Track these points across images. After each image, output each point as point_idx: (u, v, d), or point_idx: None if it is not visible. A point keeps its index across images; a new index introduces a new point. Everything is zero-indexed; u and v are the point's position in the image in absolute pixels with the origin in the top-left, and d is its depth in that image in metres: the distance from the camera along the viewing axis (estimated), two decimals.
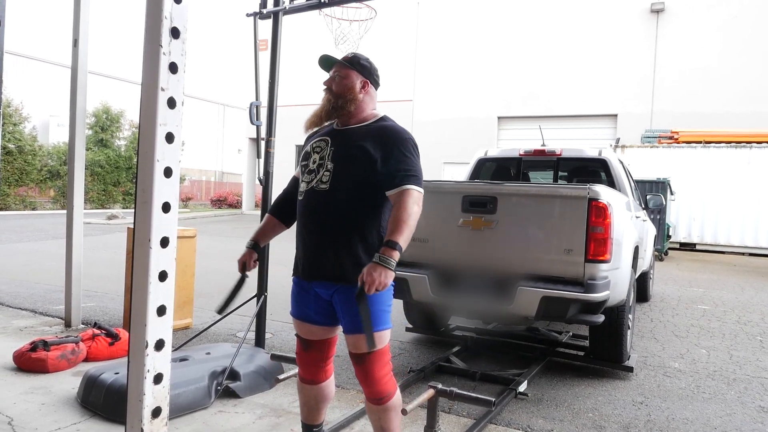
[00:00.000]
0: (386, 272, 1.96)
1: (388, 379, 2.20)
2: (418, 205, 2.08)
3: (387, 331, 2.20)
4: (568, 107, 19.22)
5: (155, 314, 1.24)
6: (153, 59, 1.17)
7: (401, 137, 2.18)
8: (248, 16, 3.71)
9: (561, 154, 5.26)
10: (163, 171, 1.19)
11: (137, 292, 1.23)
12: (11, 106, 21.88)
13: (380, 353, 2.17)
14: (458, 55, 21.04)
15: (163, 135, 1.19)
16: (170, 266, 1.26)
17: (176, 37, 1.18)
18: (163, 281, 1.25)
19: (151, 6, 1.16)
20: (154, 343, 1.24)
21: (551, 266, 3.54)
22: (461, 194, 3.80)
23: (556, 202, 3.54)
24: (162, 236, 1.21)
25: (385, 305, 2.19)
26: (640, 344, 5.03)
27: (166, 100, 1.18)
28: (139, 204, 1.18)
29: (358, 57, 2.32)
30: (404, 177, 2.08)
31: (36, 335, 4.48)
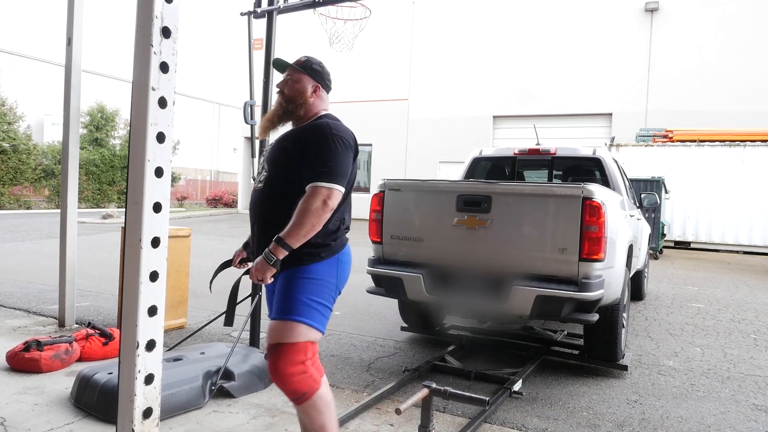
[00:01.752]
0: (264, 267, 2.03)
1: (300, 378, 2.07)
2: (323, 202, 2.05)
3: (302, 326, 2.08)
4: (563, 106, 19.26)
5: (146, 314, 1.23)
6: (144, 59, 1.16)
7: (322, 133, 2.16)
8: (243, 15, 3.70)
9: (555, 153, 5.27)
10: (154, 171, 1.18)
11: (128, 293, 1.22)
12: (5, 104, 21.77)
13: (289, 348, 2.06)
14: (454, 54, 21.05)
15: (154, 135, 1.18)
16: (161, 266, 1.25)
17: (167, 36, 1.17)
18: (155, 281, 1.25)
19: (141, 5, 1.15)
20: (145, 344, 1.24)
21: (546, 265, 3.55)
22: (456, 193, 3.81)
23: (550, 201, 3.55)
24: (153, 236, 1.21)
25: (305, 296, 2.12)
26: (635, 342, 5.05)
27: (157, 99, 1.17)
28: (130, 204, 1.17)
29: (310, 61, 2.36)
30: (315, 174, 2.09)
31: (29, 335, 4.46)
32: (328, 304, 2.20)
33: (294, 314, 2.09)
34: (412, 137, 21.87)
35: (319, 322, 2.14)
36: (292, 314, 2.09)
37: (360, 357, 4.39)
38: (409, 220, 4.03)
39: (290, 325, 2.08)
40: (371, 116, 22.63)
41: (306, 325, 2.09)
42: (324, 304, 2.17)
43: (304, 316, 2.09)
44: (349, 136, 2.21)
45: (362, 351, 4.57)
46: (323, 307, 2.17)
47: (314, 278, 2.15)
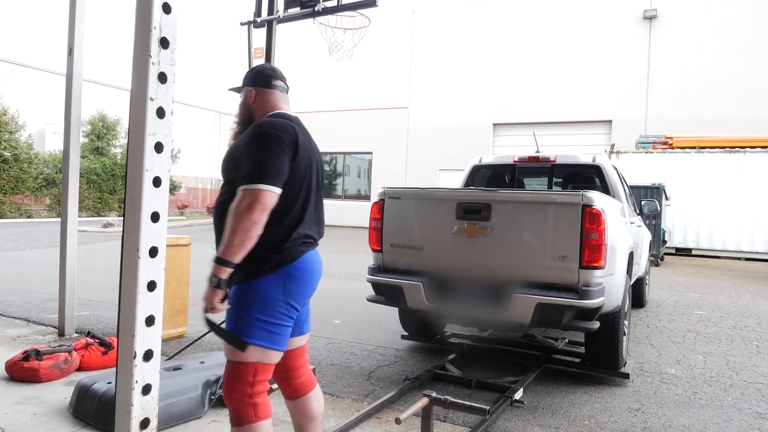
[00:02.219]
0: (209, 293, 1.89)
1: (239, 399, 2.00)
2: (249, 205, 1.88)
3: (248, 346, 1.97)
4: (563, 113, 19.31)
5: (144, 324, 1.23)
6: (142, 69, 1.17)
7: (251, 132, 2.04)
8: (242, 24, 3.72)
9: (555, 160, 5.28)
10: (152, 181, 1.19)
11: (125, 302, 1.22)
12: (7, 114, 21.84)
13: (234, 366, 2.01)
14: (453, 61, 21.13)
15: (152, 145, 1.18)
16: (159, 276, 1.25)
17: (165, 47, 1.18)
18: (152, 291, 1.25)
19: (140, 16, 1.16)
20: (142, 354, 1.23)
21: (546, 273, 3.54)
22: (455, 201, 3.81)
23: (550, 209, 3.55)
24: (151, 246, 1.21)
25: (249, 314, 1.99)
26: (637, 350, 5.03)
27: (155, 109, 1.18)
28: (128, 214, 1.18)
29: (249, 72, 2.35)
30: (242, 177, 1.95)
31: (29, 344, 4.45)
32: (278, 321, 2.03)
33: (243, 335, 1.99)
34: (413, 145, 21.91)
35: (268, 341, 2.01)
36: (241, 335, 1.99)
37: (360, 366, 4.38)
38: (409, 229, 4.02)
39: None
40: (372, 124, 22.69)
41: (252, 344, 1.98)
42: (271, 322, 2.01)
43: (247, 336, 1.98)
44: (283, 132, 2.03)
45: (362, 360, 4.55)
46: (271, 325, 2.01)
47: (258, 294, 2.00)
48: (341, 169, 24.11)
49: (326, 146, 23.65)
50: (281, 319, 2.04)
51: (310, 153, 2.16)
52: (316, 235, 2.23)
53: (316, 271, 2.18)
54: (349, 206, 22.74)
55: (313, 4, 3.88)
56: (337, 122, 23.25)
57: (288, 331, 2.08)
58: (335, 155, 23.90)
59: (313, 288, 2.18)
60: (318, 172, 2.25)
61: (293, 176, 2.06)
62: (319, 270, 2.20)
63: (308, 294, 2.17)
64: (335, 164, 24.16)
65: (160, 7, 1.17)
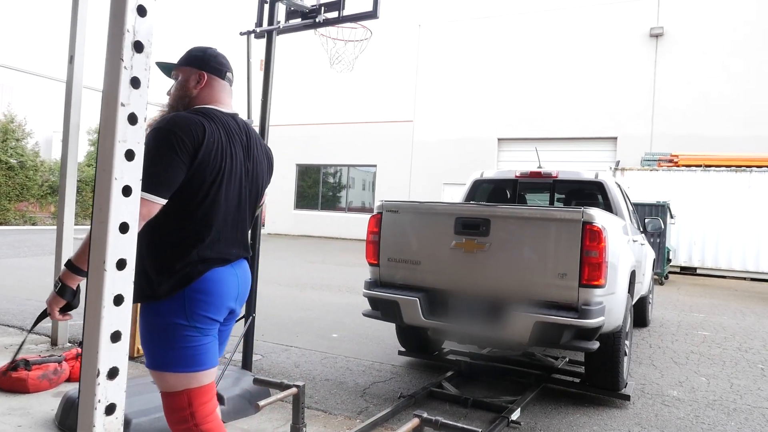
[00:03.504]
0: (52, 296, 1.71)
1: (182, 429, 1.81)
2: None
3: (167, 375, 1.77)
4: (568, 129, 19.28)
5: (108, 340, 1.17)
6: (113, 73, 1.12)
7: (153, 128, 1.74)
8: (242, 35, 3.71)
9: (557, 176, 5.22)
10: (122, 190, 1.13)
11: (90, 317, 1.16)
12: (14, 121, 22.00)
13: (168, 399, 1.82)
14: (459, 76, 21.18)
15: (122, 152, 1.13)
16: (127, 290, 1.20)
17: (139, 51, 1.13)
18: (119, 305, 1.19)
19: (112, 18, 1.11)
20: (106, 372, 1.17)
21: (545, 291, 3.47)
22: (454, 216, 3.75)
23: (549, 225, 3.48)
24: (118, 258, 1.15)
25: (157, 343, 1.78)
26: (638, 371, 4.92)
27: (127, 115, 1.13)
28: (95, 224, 1.12)
29: (190, 51, 2.00)
30: None
31: (21, 353, 4.39)
32: (190, 344, 1.78)
33: (152, 365, 1.80)
34: (417, 159, 21.90)
35: (186, 365, 1.78)
36: (151, 365, 1.80)
37: (355, 382, 4.29)
38: (407, 243, 3.96)
39: (156, 375, 1.80)
40: (376, 137, 22.72)
41: (172, 373, 1.78)
42: (184, 347, 1.77)
43: (163, 367, 1.78)
44: (186, 131, 1.72)
45: (358, 375, 4.47)
46: (185, 350, 1.78)
47: (159, 322, 1.77)
48: (346, 182, 24.12)
49: (331, 159, 23.69)
50: (193, 340, 1.78)
51: (225, 157, 1.83)
52: (232, 253, 1.91)
53: (226, 291, 1.86)
54: (352, 219, 22.70)
55: (314, 16, 3.87)
56: (341, 135, 23.30)
57: (208, 345, 1.83)
58: (340, 168, 23.92)
59: (222, 309, 1.86)
60: (251, 182, 1.97)
61: (192, 183, 1.76)
62: (228, 290, 1.87)
63: (220, 313, 1.87)
64: (340, 177, 24.18)
65: (134, 9, 1.13)
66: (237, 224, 1.94)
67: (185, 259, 1.77)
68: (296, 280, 10.10)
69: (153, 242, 1.77)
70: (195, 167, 1.75)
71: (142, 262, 1.73)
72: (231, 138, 1.88)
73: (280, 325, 6.12)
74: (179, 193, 1.75)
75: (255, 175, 2.00)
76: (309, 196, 24.59)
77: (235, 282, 1.91)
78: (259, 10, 3.88)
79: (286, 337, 5.64)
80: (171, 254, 1.77)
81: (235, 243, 1.94)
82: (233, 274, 1.91)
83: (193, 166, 1.75)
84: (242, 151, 1.93)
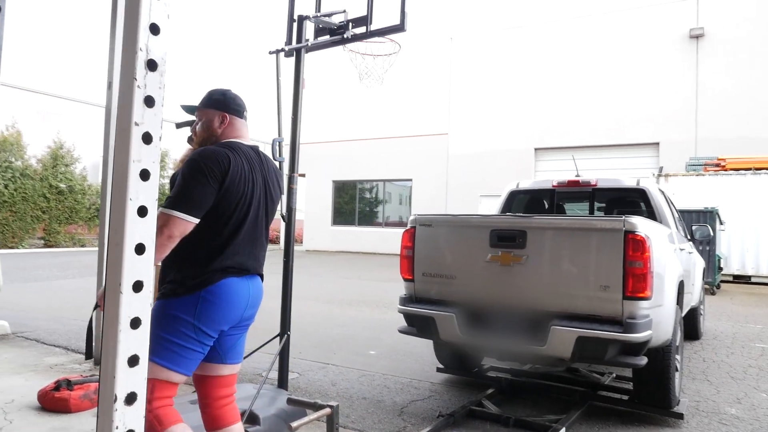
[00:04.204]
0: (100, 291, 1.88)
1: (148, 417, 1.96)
2: (159, 228, 1.88)
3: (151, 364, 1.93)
4: (607, 137, 18.82)
5: (126, 365, 1.14)
6: (127, 93, 1.11)
7: (186, 160, 2.11)
8: (271, 53, 3.74)
9: (596, 184, 5.05)
10: (137, 210, 1.11)
11: (107, 341, 1.13)
12: (63, 147, 22.97)
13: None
14: (493, 87, 21.03)
15: (137, 172, 1.11)
16: (144, 312, 1.17)
17: (153, 69, 1.12)
18: (136, 329, 1.16)
19: (126, 37, 1.10)
20: (124, 397, 1.14)
21: (587, 304, 3.32)
22: (488, 228, 3.65)
23: (589, 236, 3.34)
24: (135, 280, 1.12)
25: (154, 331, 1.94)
26: (692, 387, 4.67)
27: (141, 135, 1.11)
28: (111, 245, 1.10)
29: (210, 94, 2.33)
30: (165, 201, 2.02)
31: (64, 373, 4.48)
32: (181, 342, 2.01)
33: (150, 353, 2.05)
34: (453, 172, 21.77)
35: (166, 360, 2.00)
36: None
37: (393, 400, 4.21)
38: (441, 257, 3.88)
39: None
40: (411, 152, 22.72)
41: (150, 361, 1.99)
42: (174, 342, 2.01)
43: (153, 354, 1.96)
44: (214, 161, 2.05)
45: (395, 393, 4.38)
46: (173, 345, 2.02)
47: (168, 313, 2.04)
48: (382, 197, 24.16)
49: (366, 174, 23.79)
50: (186, 341, 2.03)
51: (247, 183, 2.15)
52: (248, 267, 2.19)
53: (237, 299, 2.12)
54: (390, 233, 22.66)
55: (342, 32, 3.87)
56: (376, 150, 23.40)
57: (194, 355, 2.06)
58: (376, 183, 23.99)
59: (231, 316, 2.12)
60: (267, 203, 2.28)
61: (220, 205, 2.08)
62: (239, 299, 2.13)
63: (224, 321, 2.11)
64: (376, 192, 24.25)
65: (147, 27, 1.11)
66: (254, 242, 2.24)
67: (206, 267, 2.08)
68: (333, 296, 10.09)
69: (178, 253, 2.05)
70: (223, 192, 2.08)
71: (166, 268, 2.11)
72: (252, 167, 2.22)
73: (317, 342, 6.09)
74: (208, 213, 2.07)
75: (271, 199, 2.32)
76: (346, 212, 24.72)
77: (247, 294, 2.18)
78: (288, 29, 3.91)
79: (323, 354, 5.60)
80: (194, 263, 2.08)
81: (251, 258, 2.22)
82: (246, 286, 2.18)
83: (221, 190, 2.07)
84: (261, 178, 2.26)
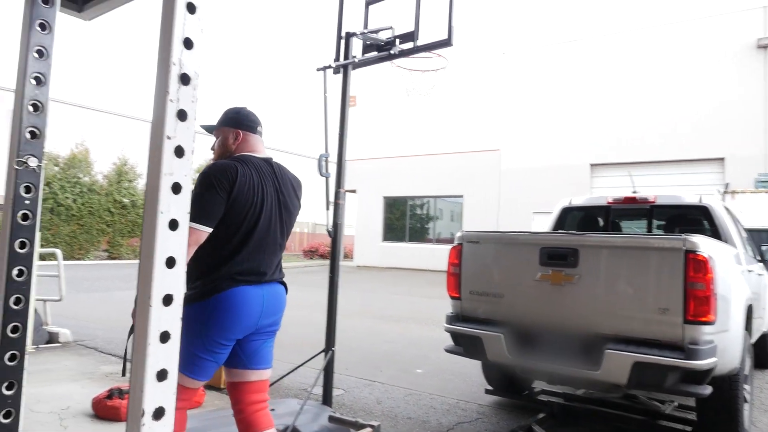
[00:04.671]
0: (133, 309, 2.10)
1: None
2: None
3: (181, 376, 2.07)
4: (668, 152, 18.04)
5: (155, 379, 1.13)
6: (160, 106, 1.11)
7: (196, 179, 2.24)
8: (318, 70, 3.78)
9: (655, 201, 4.81)
10: (168, 223, 1.10)
11: (136, 355, 1.13)
12: (127, 164, 24.13)
13: None
14: (547, 101, 20.63)
15: (168, 185, 1.11)
16: (174, 327, 1.16)
17: (186, 83, 1.12)
18: (165, 343, 1.15)
19: (160, 51, 1.11)
20: (152, 412, 1.13)
21: (644, 327, 3.14)
22: (538, 246, 3.52)
23: (646, 255, 3.17)
24: (165, 293, 1.12)
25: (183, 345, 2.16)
26: (763, 420, 4.32)
27: (173, 148, 1.11)
28: (143, 259, 1.10)
29: (225, 113, 2.48)
30: None
31: (119, 382, 4.62)
32: (190, 346, 2.11)
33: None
34: (505, 188, 21.41)
35: (181, 366, 2.02)
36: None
37: (439, 421, 4.10)
38: (489, 275, 3.78)
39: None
40: (461, 168, 22.54)
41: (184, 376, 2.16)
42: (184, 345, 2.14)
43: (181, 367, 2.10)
44: (222, 174, 2.20)
45: (441, 414, 4.27)
46: (184, 349, 2.12)
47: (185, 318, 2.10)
48: (433, 213, 24.04)
49: (417, 190, 23.75)
50: (192, 345, 2.13)
51: (257, 193, 2.26)
52: (261, 274, 2.29)
53: (247, 308, 2.21)
54: (440, 250, 22.43)
55: (389, 48, 3.88)
56: (427, 166, 23.34)
57: (206, 363, 2.18)
58: (426, 199, 23.91)
59: (243, 324, 2.22)
60: (281, 211, 2.37)
61: (229, 214, 2.19)
62: (250, 307, 2.22)
63: (235, 329, 2.21)
64: (427, 208, 24.15)
65: (180, 41, 1.11)
66: (267, 249, 2.32)
67: (217, 274, 2.18)
68: (381, 311, 10.04)
69: (192, 260, 2.16)
70: (231, 201, 2.20)
71: None
72: (262, 177, 2.32)
73: (363, 359, 6.04)
74: (220, 222, 2.19)
75: (285, 208, 2.41)
76: (396, 228, 24.72)
77: (260, 301, 2.25)
78: (337, 46, 3.95)
79: (369, 371, 5.55)
80: (206, 269, 2.19)
81: (264, 265, 2.30)
82: (259, 294, 2.26)
83: (230, 200, 2.20)
84: (273, 187, 2.36)
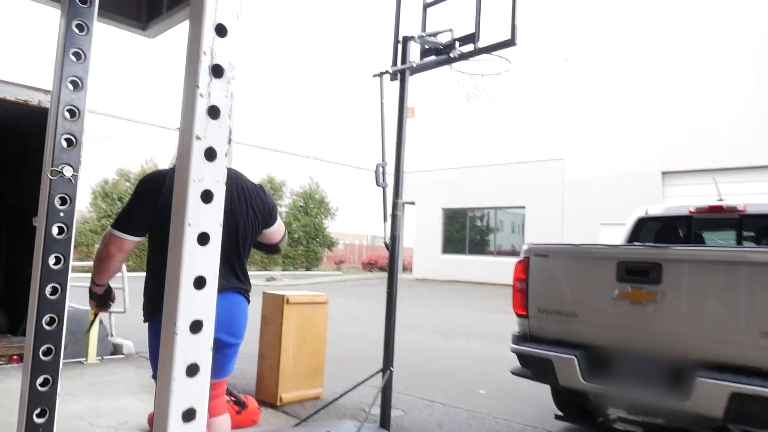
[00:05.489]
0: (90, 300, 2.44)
1: None
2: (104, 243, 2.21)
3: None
4: (752, 157, 16.73)
5: (180, 419, 0.97)
6: (189, 102, 0.97)
7: None
8: (374, 76, 3.65)
9: (745, 210, 4.36)
10: (197, 237, 0.96)
11: (160, 390, 0.98)
12: None
13: None
14: (613, 107, 19.76)
15: (197, 193, 0.96)
16: (204, 358, 1.00)
17: (218, 76, 0.98)
18: (193, 377, 0.99)
19: (189, 40, 0.97)
20: None
21: (742, 353, 2.77)
22: (615, 260, 3.21)
23: (742, 270, 2.81)
24: (193, 319, 0.97)
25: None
26: None
27: (203, 150, 0.96)
28: (168, 278, 0.95)
29: None
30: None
31: None
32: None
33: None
34: (569, 198, 20.63)
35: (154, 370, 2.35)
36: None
37: None
38: (560, 291, 3.49)
39: None
40: (523, 178, 21.94)
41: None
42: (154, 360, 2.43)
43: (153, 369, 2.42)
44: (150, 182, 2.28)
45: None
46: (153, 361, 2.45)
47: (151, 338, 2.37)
48: (494, 225, 23.51)
49: (477, 201, 23.32)
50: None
51: None
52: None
53: None
54: (501, 263, 21.85)
55: (449, 51, 3.70)
56: (487, 177, 22.88)
57: None
58: (487, 210, 23.43)
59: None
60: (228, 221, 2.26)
61: (161, 224, 2.15)
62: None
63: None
64: (487, 219, 23.66)
65: (212, 28, 0.97)
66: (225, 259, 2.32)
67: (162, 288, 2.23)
68: (441, 326, 9.77)
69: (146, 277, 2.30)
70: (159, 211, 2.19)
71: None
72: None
73: (422, 376, 5.81)
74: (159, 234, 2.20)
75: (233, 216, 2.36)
76: (456, 240, 24.33)
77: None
78: (394, 50, 3.82)
79: (428, 390, 5.31)
80: (154, 285, 2.23)
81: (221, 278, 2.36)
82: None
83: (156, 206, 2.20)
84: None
